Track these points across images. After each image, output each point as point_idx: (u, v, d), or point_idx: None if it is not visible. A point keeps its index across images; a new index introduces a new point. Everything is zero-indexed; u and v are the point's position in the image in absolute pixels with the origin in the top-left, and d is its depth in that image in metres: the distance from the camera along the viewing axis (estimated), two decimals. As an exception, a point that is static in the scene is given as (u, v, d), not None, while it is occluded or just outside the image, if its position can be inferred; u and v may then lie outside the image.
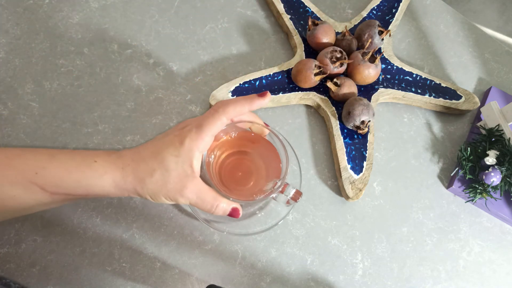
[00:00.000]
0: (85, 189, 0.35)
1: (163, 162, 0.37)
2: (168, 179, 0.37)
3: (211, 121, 0.39)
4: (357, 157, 0.54)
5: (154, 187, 0.36)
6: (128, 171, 0.36)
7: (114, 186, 0.36)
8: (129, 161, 0.37)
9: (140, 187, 0.37)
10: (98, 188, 0.35)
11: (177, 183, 0.37)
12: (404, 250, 0.52)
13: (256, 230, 0.50)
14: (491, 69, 0.65)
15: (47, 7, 0.58)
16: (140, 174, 0.36)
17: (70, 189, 0.34)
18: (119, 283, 0.46)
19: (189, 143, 0.37)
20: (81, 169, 0.35)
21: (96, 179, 0.35)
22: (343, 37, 0.57)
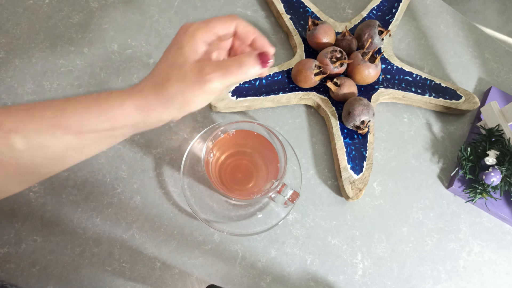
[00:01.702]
0: (108, 122, 0.34)
1: (172, 61, 0.35)
2: (183, 74, 0.34)
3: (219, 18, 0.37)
4: (357, 157, 0.54)
5: (176, 91, 0.34)
6: (147, 90, 0.35)
7: (137, 110, 0.34)
8: (144, 83, 0.35)
9: (165, 98, 0.35)
10: (121, 117, 0.34)
11: (194, 74, 0.34)
12: (404, 250, 0.52)
13: (256, 230, 0.50)
14: (491, 69, 0.65)
15: (47, 7, 0.58)
16: (158, 87, 0.35)
17: (93, 125, 0.33)
18: (119, 283, 0.46)
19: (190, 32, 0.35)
20: (99, 103, 0.34)
21: (117, 108, 0.34)
22: (343, 37, 0.57)
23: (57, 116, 0.33)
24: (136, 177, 0.51)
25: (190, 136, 0.54)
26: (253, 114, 0.56)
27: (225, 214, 0.50)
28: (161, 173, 0.51)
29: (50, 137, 0.32)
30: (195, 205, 0.49)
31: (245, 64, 0.35)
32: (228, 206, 0.51)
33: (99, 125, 0.34)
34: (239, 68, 0.35)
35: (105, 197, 0.50)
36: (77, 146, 0.34)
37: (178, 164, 0.52)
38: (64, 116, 0.33)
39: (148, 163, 0.52)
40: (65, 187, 0.49)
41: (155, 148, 0.53)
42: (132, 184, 0.51)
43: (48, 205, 0.48)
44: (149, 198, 0.50)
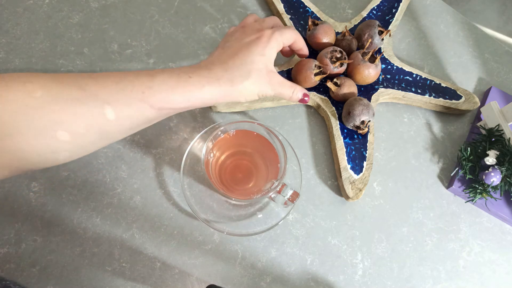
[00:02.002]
0: (187, 101, 0.39)
1: (253, 64, 0.42)
2: (261, 77, 0.43)
3: (289, 29, 0.47)
4: (357, 157, 0.54)
5: (251, 87, 0.42)
6: (225, 81, 0.41)
7: (212, 97, 0.41)
8: (222, 72, 0.41)
9: (238, 92, 0.42)
10: (198, 100, 0.40)
11: (266, 78, 0.43)
12: (404, 250, 0.52)
13: (256, 230, 0.50)
14: (491, 69, 0.65)
15: (47, 7, 0.58)
16: (237, 81, 0.42)
17: (174, 104, 0.39)
18: (119, 283, 0.46)
19: (271, 43, 0.44)
20: (181, 85, 0.39)
21: (197, 93, 0.39)
22: (343, 37, 0.57)
23: (145, 93, 0.37)
24: (136, 177, 0.51)
25: (190, 136, 0.54)
26: (253, 114, 0.56)
27: (225, 214, 0.50)
28: (161, 173, 0.51)
29: (136, 110, 0.37)
30: (195, 205, 0.49)
31: (295, 92, 0.48)
32: (228, 206, 0.51)
33: (180, 104, 0.39)
34: (290, 91, 0.47)
35: (105, 197, 0.50)
36: (153, 118, 0.39)
37: (178, 164, 0.52)
38: (151, 94, 0.37)
39: (148, 163, 0.52)
40: (65, 187, 0.49)
41: (155, 148, 0.53)
42: (132, 184, 0.51)
43: (48, 205, 0.48)
44: (149, 198, 0.50)
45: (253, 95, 0.44)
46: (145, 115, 0.38)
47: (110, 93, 0.36)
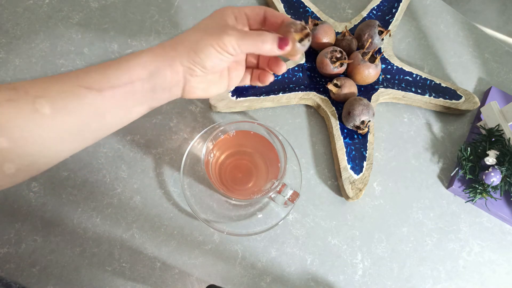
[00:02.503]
0: (127, 73, 0.35)
1: (198, 23, 0.38)
2: (206, 26, 0.37)
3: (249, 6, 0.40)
4: (357, 157, 0.54)
5: (194, 36, 0.37)
6: (166, 42, 0.37)
7: (152, 58, 0.36)
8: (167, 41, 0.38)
9: (181, 44, 0.37)
10: (138, 67, 0.36)
11: (217, 27, 0.37)
12: (404, 250, 0.52)
13: (256, 230, 0.50)
14: (491, 69, 0.65)
15: (47, 7, 0.58)
16: (178, 36, 0.37)
17: (113, 79, 0.35)
18: (119, 283, 0.46)
19: (222, 8, 0.39)
20: (119, 61, 0.36)
21: (135, 59, 0.36)
22: (343, 37, 0.57)
23: (79, 77, 0.34)
24: (136, 177, 0.51)
25: (190, 136, 0.54)
26: (253, 114, 0.56)
27: (225, 214, 0.50)
28: (161, 173, 0.51)
29: (73, 97, 0.33)
30: (195, 205, 0.49)
31: (265, 36, 0.37)
32: (228, 206, 0.51)
33: (118, 79, 0.35)
34: (258, 36, 0.37)
35: (105, 197, 0.50)
36: (99, 107, 0.35)
37: (178, 164, 0.52)
38: (86, 77, 0.34)
39: (148, 163, 0.52)
40: (65, 187, 0.49)
41: (155, 148, 0.53)
42: (132, 184, 0.51)
43: (48, 205, 0.48)
44: (149, 198, 0.50)
45: (206, 47, 0.36)
46: (85, 101, 0.34)
47: (43, 86, 0.33)
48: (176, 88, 0.38)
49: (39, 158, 0.33)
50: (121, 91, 0.35)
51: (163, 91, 0.37)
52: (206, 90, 0.41)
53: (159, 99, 0.38)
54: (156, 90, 0.37)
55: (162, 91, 0.37)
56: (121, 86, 0.35)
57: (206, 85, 0.40)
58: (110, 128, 0.37)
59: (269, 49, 0.37)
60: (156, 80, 0.36)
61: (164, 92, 0.38)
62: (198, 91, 0.40)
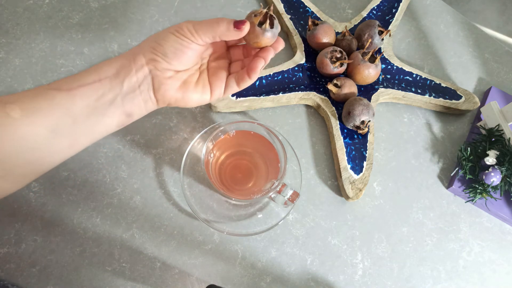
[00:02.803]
0: (95, 73, 0.37)
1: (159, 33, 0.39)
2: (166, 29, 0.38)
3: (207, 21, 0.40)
4: (357, 157, 0.54)
5: (155, 34, 0.39)
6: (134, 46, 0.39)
7: (120, 57, 0.38)
8: None
9: (144, 42, 0.39)
10: (106, 66, 0.37)
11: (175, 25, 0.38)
12: (404, 250, 0.52)
13: (256, 230, 0.50)
14: (491, 69, 0.65)
15: (47, 7, 0.58)
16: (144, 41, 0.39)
17: (82, 79, 0.36)
18: (119, 283, 0.46)
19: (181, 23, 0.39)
20: (89, 68, 0.38)
21: (102, 63, 0.37)
22: (343, 37, 0.57)
23: (51, 84, 0.36)
24: (136, 177, 0.51)
25: (190, 136, 0.54)
26: (253, 114, 0.56)
27: (225, 214, 0.50)
28: (161, 173, 0.51)
29: (43, 99, 0.35)
30: (195, 205, 0.49)
31: (221, 19, 0.38)
32: (228, 206, 0.51)
33: (86, 78, 0.36)
34: (215, 19, 0.38)
35: (105, 197, 0.50)
36: (69, 109, 0.35)
37: (178, 164, 0.52)
38: (56, 82, 0.36)
39: (148, 163, 0.52)
40: (65, 187, 0.49)
41: (155, 148, 0.53)
42: (132, 184, 0.51)
43: (48, 205, 0.48)
44: (149, 198, 0.50)
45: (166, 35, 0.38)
46: (55, 102, 0.35)
47: (15, 95, 0.34)
48: (145, 85, 0.38)
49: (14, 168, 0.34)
50: (89, 89, 0.36)
51: (132, 88, 0.38)
52: (182, 93, 0.40)
53: (131, 100, 0.38)
54: (124, 87, 0.37)
55: (131, 88, 0.38)
56: (89, 84, 0.36)
57: (180, 86, 0.40)
58: (84, 133, 0.37)
59: (225, 30, 0.38)
60: (122, 76, 0.37)
61: (134, 91, 0.38)
62: (171, 91, 0.39)
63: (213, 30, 0.38)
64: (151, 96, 0.39)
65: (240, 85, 0.42)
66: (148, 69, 0.38)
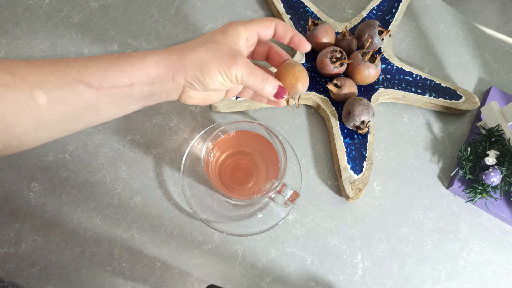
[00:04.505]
0: (128, 77, 0.35)
1: (210, 37, 0.37)
2: (219, 48, 0.37)
3: (261, 19, 0.40)
4: (357, 157, 0.54)
5: (204, 55, 0.36)
6: (174, 51, 0.37)
7: (156, 65, 0.36)
8: (175, 46, 0.37)
9: (189, 59, 0.36)
10: (141, 71, 0.35)
11: (228, 53, 0.37)
12: (404, 250, 0.52)
13: (256, 230, 0.50)
14: (491, 69, 0.65)
15: (47, 7, 0.58)
16: (187, 48, 0.37)
17: (114, 80, 0.35)
18: (119, 283, 0.46)
19: (235, 25, 0.38)
20: (122, 59, 0.35)
21: (138, 63, 0.35)
22: (343, 37, 0.57)
23: (80, 72, 0.34)
24: (136, 177, 0.51)
25: (190, 136, 0.54)
26: (253, 114, 0.56)
27: (225, 214, 0.50)
28: (161, 173, 0.51)
29: (71, 91, 0.33)
30: (195, 205, 0.49)
31: (268, 82, 0.38)
32: (228, 206, 0.51)
33: (119, 81, 0.35)
34: (263, 80, 0.38)
35: (105, 197, 0.50)
36: (95, 104, 0.35)
37: (178, 164, 0.52)
38: (86, 72, 0.34)
39: (148, 163, 0.52)
40: (65, 187, 0.49)
41: (155, 148, 0.53)
42: (132, 184, 0.51)
43: (48, 205, 0.48)
44: (149, 198, 0.50)
45: (209, 68, 0.36)
46: (82, 98, 0.34)
47: (41, 75, 0.33)
48: (173, 94, 0.38)
49: (27, 141, 0.34)
50: (119, 91, 0.35)
51: (160, 95, 0.38)
52: (204, 99, 0.41)
53: (155, 100, 0.38)
54: (154, 95, 0.37)
55: (159, 95, 0.37)
56: (120, 87, 0.35)
57: (204, 96, 0.40)
58: (101, 120, 0.37)
59: (267, 94, 0.39)
60: (156, 87, 0.36)
61: (161, 95, 0.38)
62: (195, 100, 0.40)
63: (258, 89, 0.38)
64: (174, 98, 0.39)
65: (255, 99, 0.44)
66: (183, 87, 0.37)
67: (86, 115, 0.35)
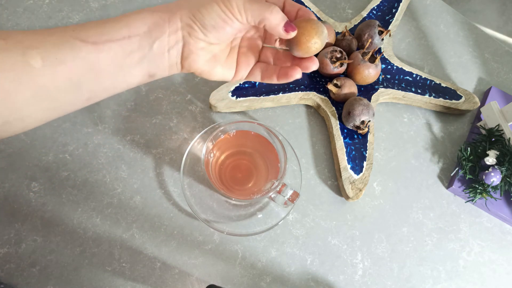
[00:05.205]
0: (125, 27, 0.34)
1: None
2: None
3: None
4: (357, 157, 0.54)
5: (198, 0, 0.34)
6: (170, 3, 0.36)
7: (152, 14, 0.35)
8: None
9: (187, 2, 0.35)
10: (137, 21, 0.34)
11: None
12: (404, 250, 0.52)
13: (256, 230, 0.50)
14: (491, 69, 0.65)
15: (47, 7, 0.58)
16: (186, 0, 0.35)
17: (110, 33, 0.33)
18: (119, 283, 0.46)
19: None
20: (118, 17, 0.34)
21: (135, 14, 0.34)
22: (343, 37, 0.57)
23: (76, 30, 0.33)
24: (136, 177, 0.51)
25: (190, 136, 0.54)
26: (253, 114, 0.56)
27: (225, 214, 0.50)
28: (161, 173, 0.51)
29: (68, 51, 0.32)
30: (195, 205, 0.49)
31: (275, 10, 0.34)
32: (228, 206, 0.51)
33: (117, 33, 0.34)
34: (268, 6, 0.34)
35: (105, 197, 0.50)
36: (94, 63, 0.33)
37: (178, 164, 0.52)
38: (82, 30, 0.33)
39: (148, 163, 0.52)
40: (65, 187, 0.49)
41: (155, 148, 0.53)
42: (132, 184, 0.51)
43: (48, 205, 0.48)
44: (149, 198, 0.50)
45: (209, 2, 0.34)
46: (80, 56, 0.32)
47: (36, 37, 0.31)
48: (174, 51, 0.36)
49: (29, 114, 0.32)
50: (117, 46, 0.34)
51: (162, 51, 0.36)
52: (210, 66, 0.38)
53: (158, 62, 0.36)
54: (153, 48, 0.35)
55: (161, 51, 0.36)
56: (118, 40, 0.34)
57: (210, 59, 0.38)
58: (105, 89, 0.36)
59: (273, 23, 0.35)
60: (154, 36, 0.35)
61: (162, 54, 0.36)
62: (200, 62, 0.37)
63: (264, 17, 0.34)
64: (177, 62, 0.37)
65: (264, 80, 0.40)
66: (182, 34, 0.35)
67: (88, 79, 0.34)
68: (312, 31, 0.36)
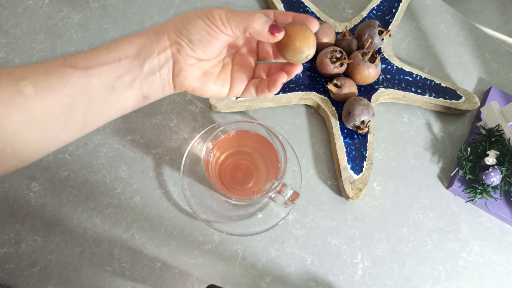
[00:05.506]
0: (114, 52, 0.35)
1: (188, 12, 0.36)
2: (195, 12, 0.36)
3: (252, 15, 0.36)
4: (357, 157, 0.54)
5: (183, 15, 0.36)
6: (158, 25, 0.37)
7: (141, 35, 0.36)
8: None
9: (171, 20, 0.36)
10: (126, 45, 0.35)
11: (206, 9, 0.36)
12: (404, 250, 0.52)
13: (256, 230, 0.50)
14: (491, 69, 0.65)
15: (47, 7, 0.58)
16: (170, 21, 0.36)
17: (100, 57, 0.34)
18: (119, 283, 0.46)
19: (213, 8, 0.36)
20: (107, 44, 0.35)
21: (123, 40, 0.35)
22: (343, 37, 0.57)
23: (67, 59, 0.33)
24: (136, 177, 0.51)
25: (190, 136, 0.54)
26: (253, 114, 0.56)
27: (225, 214, 0.50)
28: (161, 173, 0.51)
29: (58, 77, 0.33)
30: (195, 205, 0.49)
31: (258, 15, 0.35)
32: (228, 206, 0.51)
33: (106, 57, 0.34)
34: (250, 13, 0.35)
35: (105, 197, 0.50)
36: (85, 88, 0.33)
37: (178, 164, 0.52)
38: (72, 58, 0.33)
39: (148, 163, 0.52)
40: (65, 187, 0.49)
41: (155, 148, 0.53)
42: (132, 184, 0.51)
43: (48, 205, 0.48)
44: (149, 198, 0.50)
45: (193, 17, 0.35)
46: (70, 82, 0.33)
47: (27, 69, 0.32)
48: (165, 69, 0.36)
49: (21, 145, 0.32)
50: (108, 69, 0.34)
51: (153, 71, 0.36)
52: (201, 83, 0.38)
53: (150, 82, 0.36)
54: (144, 69, 0.36)
55: (152, 71, 0.36)
56: (108, 63, 0.34)
57: (200, 75, 0.38)
58: (99, 115, 0.36)
59: (258, 29, 0.35)
60: (143, 56, 0.35)
61: (154, 73, 0.36)
62: (190, 79, 0.37)
63: (247, 24, 0.35)
64: (169, 81, 0.37)
65: (259, 95, 0.40)
66: (171, 52, 0.36)
67: (79, 104, 0.34)
68: (300, 32, 0.36)
